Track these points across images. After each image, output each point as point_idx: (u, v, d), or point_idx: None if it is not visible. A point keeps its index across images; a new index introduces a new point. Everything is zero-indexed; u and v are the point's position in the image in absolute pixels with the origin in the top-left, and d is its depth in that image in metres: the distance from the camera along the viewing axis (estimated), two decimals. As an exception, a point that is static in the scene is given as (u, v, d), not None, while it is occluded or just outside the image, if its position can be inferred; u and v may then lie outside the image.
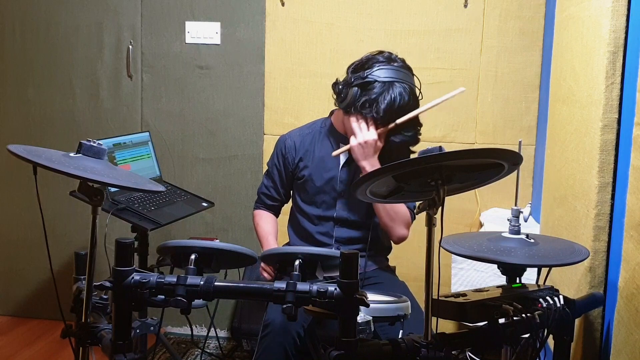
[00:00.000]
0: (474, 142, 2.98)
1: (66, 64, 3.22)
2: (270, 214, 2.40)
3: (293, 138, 2.33)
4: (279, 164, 2.33)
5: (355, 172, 2.23)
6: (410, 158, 1.37)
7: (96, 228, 1.46)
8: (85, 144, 1.50)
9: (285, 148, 2.32)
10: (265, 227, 2.35)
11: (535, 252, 1.55)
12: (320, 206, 2.28)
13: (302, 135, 2.33)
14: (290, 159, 2.31)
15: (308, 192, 2.29)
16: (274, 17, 3.05)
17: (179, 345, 3.14)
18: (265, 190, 2.38)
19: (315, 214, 2.29)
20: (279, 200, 2.39)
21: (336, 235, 2.27)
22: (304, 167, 2.29)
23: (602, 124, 1.68)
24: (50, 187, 2.91)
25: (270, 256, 1.65)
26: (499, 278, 1.64)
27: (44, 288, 3.38)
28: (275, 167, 2.35)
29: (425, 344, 1.37)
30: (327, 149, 2.27)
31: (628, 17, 1.65)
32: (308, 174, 2.27)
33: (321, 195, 2.27)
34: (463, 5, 2.91)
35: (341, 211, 2.26)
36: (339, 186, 2.25)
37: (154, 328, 1.75)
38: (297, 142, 2.31)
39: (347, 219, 2.27)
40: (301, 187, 2.31)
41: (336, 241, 2.27)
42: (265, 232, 2.32)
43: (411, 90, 2.11)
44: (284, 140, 2.34)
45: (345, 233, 2.27)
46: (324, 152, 2.28)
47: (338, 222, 2.27)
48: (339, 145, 2.25)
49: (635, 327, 1.44)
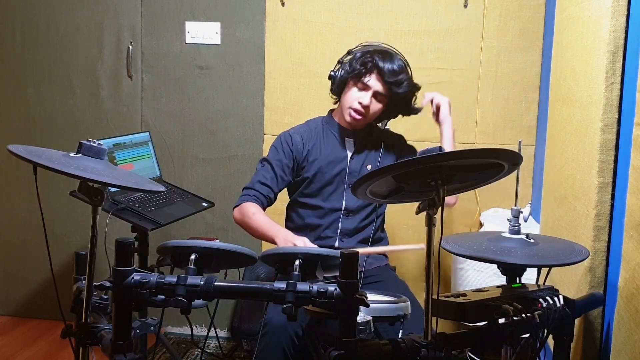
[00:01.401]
0: (474, 142, 2.98)
1: (66, 64, 3.22)
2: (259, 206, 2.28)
3: (299, 134, 2.36)
4: (286, 158, 2.32)
5: (363, 162, 2.32)
6: (412, 158, 1.36)
7: (96, 228, 1.46)
8: (85, 144, 1.50)
9: (292, 143, 2.33)
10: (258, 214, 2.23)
11: (535, 252, 1.55)
12: (328, 198, 2.33)
13: (307, 131, 2.38)
14: (298, 154, 2.33)
15: (315, 186, 2.33)
16: (274, 17, 3.05)
17: (179, 345, 3.14)
18: (264, 180, 2.30)
19: (323, 206, 2.33)
20: (273, 192, 2.31)
21: (342, 226, 2.32)
22: (313, 161, 2.33)
23: (602, 124, 1.68)
24: (50, 187, 2.90)
25: (270, 256, 1.65)
26: (499, 278, 1.64)
27: (44, 288, 3.38)
28: (279, 161, 2.32)
29: (425, 344, 1.37)
30: (333, 143, 2.35)
31: (628, 17, 1.65)
32: (318, 168, 2.32)
33: (329, 187, 2.33)
34: (463, 5, 2.91)
35: (350, 202, 2.32)
36: (347, 177, 2.31)
37: (154, 328, 1.75)
38: (304, 137, 2.35)
39: (355, 209, 2.32)
40: (307, 182, 2.33)
41: (341, 233, 2.31)
42: (266, 221, 2.21)
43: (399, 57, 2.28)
44: (290, 135, 2.35)
45: (352, 224, 2.32)
46: (330, 146, 2.35)
47: (346, 213, 2.32)
48: (343, 139, 2.34)
49: (635, 327, 1.44)
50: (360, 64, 2.22)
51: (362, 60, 2.22)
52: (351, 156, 2.33)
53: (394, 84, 2.21)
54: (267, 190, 2.30)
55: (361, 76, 2.22)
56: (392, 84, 2.21)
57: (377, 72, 2.21)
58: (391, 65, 2.21)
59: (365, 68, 2.21)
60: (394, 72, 2.21)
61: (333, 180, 2.32)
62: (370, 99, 2.23)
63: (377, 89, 2.22)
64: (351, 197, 2.29)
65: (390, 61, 2.22)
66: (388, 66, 2.21)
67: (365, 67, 2.21)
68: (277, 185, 2.32)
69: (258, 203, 2.28)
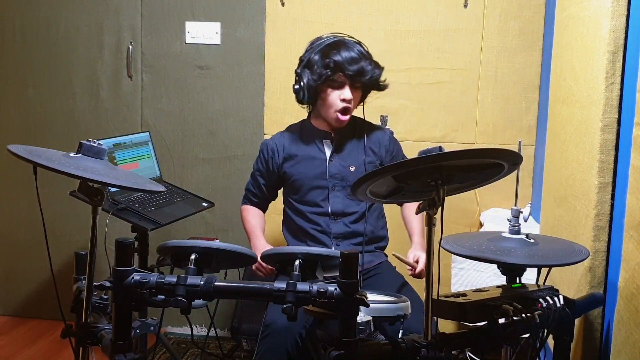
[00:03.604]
0: (474, 142, 2.98)
1: (66, 64, 3.22)
2: (257, 208, 2.47)
3: (275, 141, 2.41)
4: (263, 167, 2.41)
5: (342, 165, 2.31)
6: (409, 158, 1.36)
7: (96, 228, 1.46)
8: (85, 144, 1.50)
9: (267, 151, 2.39)
10: (252, 221, 2.42)
11: (535, 252, 1.55)
12: (314, 203, 2.31)
13: (284, 137, 2.40)
14: (274, 162, 2.37)
15: (299, 191, 2.33)
16: (274, 17, 3.05)
17: (179, 345, 3.14)
18: (252, 188, 2.47)
19: (310, 211, 2.32)
20: (264, 197, 2.46)
21: (333, 230, 2.29)
22: (291, 167, 2.34)
23: (602, 124, 1.68)
24: (50, 187, 2.90)
25: (270, 256, 1.65)
26: (499, 278, 1.64)
27: (44, 288, 3.38)
28: (258, 171, 2.43)
29: (425, 344, 1.37)
30: (311, 147, 2.34)
31: (628, 17, 1.65)
32: (296, 173, 2.33)
33: (313, 192, 2.31)
34: (463, 5, 2.91)
35: (336, 205, 2.29)
36: (329, 180, 2.28)
37: (154, 328, 1.75)
38: (279, 144, 2.38)
39: (342, 211, 2.30)
40: (292, 187, 2.35)
41: (334, 237, 2.29)
42: (252, 226, 2.40)
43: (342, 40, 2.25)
44: (267, 144, 2.42)
45: (342, 228, 2.30)
46: (308, 151, 2.34)
47: (334, 216, 2.30)
48: (322, 142, 2.34)
49: (635, 327, 1.44)
50: (324, 66, 2.19)
51: (323, 62, 2.19)
52: (330, 158, 2.31)
53: (359, 72, 2.20)
54: (258, 197, 2.46)
55: (331, 76, 2.20)
56: (357, 72, 2.20)
57: (341, 67, 2.19)
58: (349, 54, 2.19)
59: (330, 69, 2.19)
60: (354, 60, 2.19)
61: (315, 184, 2.31)
62: (350, 91, 2.22)
63: (350, 81, 2.21)
64: (337, 200, 2.29)
65: (346, 50, 2.20)
66: (346, 56, 2.19)
67: (329, 67, 2.19)
68: (262, 192, 2.45)
69: (255, 205, 2.47)
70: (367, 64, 2.22)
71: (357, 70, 2.20)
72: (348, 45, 2.22)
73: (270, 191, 2.45)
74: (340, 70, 2.19)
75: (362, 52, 2.23)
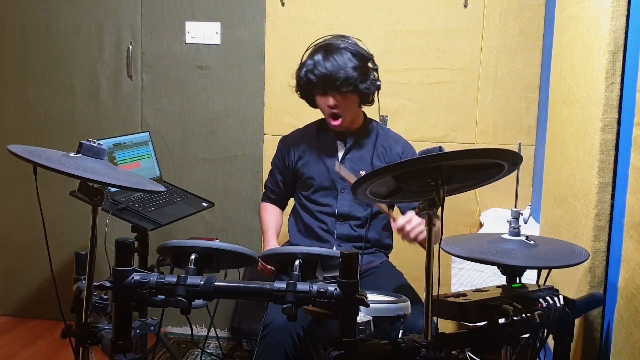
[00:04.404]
0: (474, 142, 2.98)
1: (66, 64, 3.22)
2: (274, 206, 2.48)
3: (292, 138, 2.41)
4: (280, 163, 2.42)
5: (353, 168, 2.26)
6: (409, 158, 1.36)
7: (96, 228, 1.46)
8: (85, 144, 1.50)
9: (284, 148, 2.40)
10: (267, 221, 2.42)
11: (535, 253, 1.55)
12: (322, 203, 2.31)
13: (301, 135, 2.40)
14: (289, 159, 2.38)
15: (309, 190, 2.33)
16: (274, 17, 3.05)
17: (179, 345, 3.14)
18: (270, 185, 2.47)
19: (318, 210, 2.32)
20: (282, 194, 2.47)
21: (337, 231, 2.29)
22: (304, 165, 2.34)
23: (602, 124, 1.68)
24: (50, 187, 2.90)
25: (270, 256, 1.65)
26: (499, 278, 1.64)
27: (44, 288, 3.38)
28: (277, 166, 2.44)
29: (425, 344, 1.37)
30: (325, 148, 2.33)
31: (628, 17, 1.65)
32: (308, 172, 2.33)
33: (322, 192, 2.32)
34: (463, 5, 2.91)
35: (343, 207, 2.29)
36: (339, 182, 2.28)
37: (154, 328, 1.75)
38: (296, 141, 2.38)
39: (348, 214, 2.29)
40: (303, 185, 2.36)
41: (337, 238, 2.29)
42: (266, 227, 2.40)
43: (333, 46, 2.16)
44: (284, 140, 2.43)
45: (347, 230, 2.29)
46: (322, 150, 2.33)
47: (340, 218, 2.30)
48: (336, 143, 2.33)
49: (635, 327, 1.44)
50: (310, 72, 2.16)
51: (308, 68, 2.17)
52: (341, 160, 2.29)
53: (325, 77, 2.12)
54: (276, 193, 2.46)
55: (308, 83, 2.18)
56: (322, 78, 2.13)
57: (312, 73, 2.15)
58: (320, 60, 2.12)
59: (313, 74, 2.15)
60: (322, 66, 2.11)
61: (325, 185, 2.31)
62: (334, 98, 2.16)
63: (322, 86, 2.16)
64: (344, 203, 2.29)
65: (323, 55, 2.13)
66: (318, 61, 2.12)
67: (313, 73, 2.15)
68: (279, 189, 2.45)
69: (273, 203, 2.48)
70: (343, 69, 2.10)
71: (321, 76, 2.12)
72: (331, 49, 2.14)
73: (288, 187, 2.43)
74: (314, 75, 2.15)
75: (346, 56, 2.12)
